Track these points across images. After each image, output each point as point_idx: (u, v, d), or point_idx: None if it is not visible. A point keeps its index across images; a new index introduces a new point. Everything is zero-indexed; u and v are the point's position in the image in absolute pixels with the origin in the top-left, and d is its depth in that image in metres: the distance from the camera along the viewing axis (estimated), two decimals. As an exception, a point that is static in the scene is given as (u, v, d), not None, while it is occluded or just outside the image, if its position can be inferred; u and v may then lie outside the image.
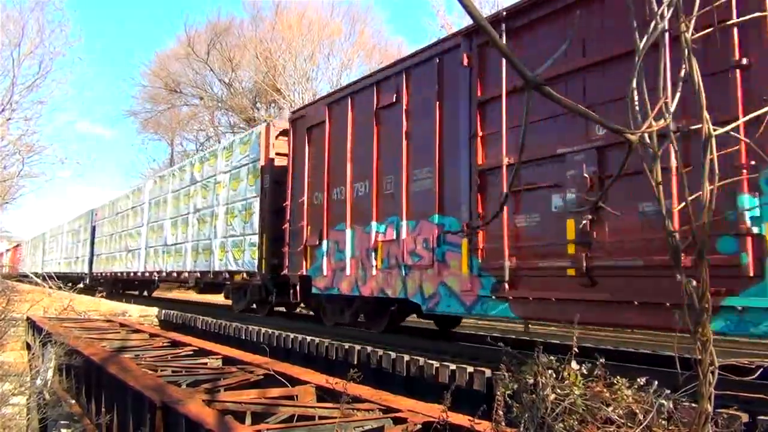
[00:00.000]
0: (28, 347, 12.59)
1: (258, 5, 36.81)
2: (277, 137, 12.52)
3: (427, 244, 7.56)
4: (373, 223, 8.55)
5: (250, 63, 35.82)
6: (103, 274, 25.65)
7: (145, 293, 25.60)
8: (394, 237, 8.13)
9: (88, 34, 54.12)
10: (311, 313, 14.06)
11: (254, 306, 13.70)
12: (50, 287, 21.04)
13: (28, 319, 13.46)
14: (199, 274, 15.19)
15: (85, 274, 28.57)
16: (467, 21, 8.89)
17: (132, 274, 21.46)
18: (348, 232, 9.09)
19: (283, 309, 14.19)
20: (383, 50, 34.65)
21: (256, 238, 12.17)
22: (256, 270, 12.01)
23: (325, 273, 9.52)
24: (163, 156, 49.72)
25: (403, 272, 7.89)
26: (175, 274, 17.09)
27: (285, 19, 33.37)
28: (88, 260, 28.16)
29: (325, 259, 9.56)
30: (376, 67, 15.68)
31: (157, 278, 19.18)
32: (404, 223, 7.98)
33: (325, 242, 9.64)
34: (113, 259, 23.94)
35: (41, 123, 18.86)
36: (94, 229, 28.14)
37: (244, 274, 12.55)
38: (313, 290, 9.88)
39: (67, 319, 13.64)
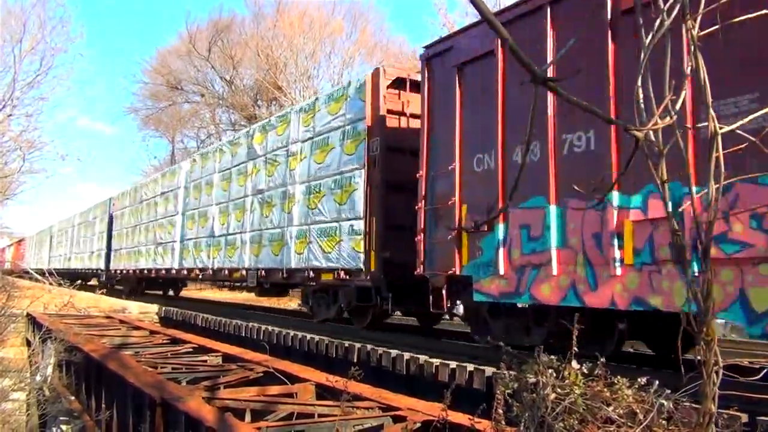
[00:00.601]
0: (28, 343, 12.59)
1: (259, 3, 36.77)
2: (387, 89, 9.51)
3: (761, 221, 4.64)
4: (614, 194, 5.57)
5: (251, 60, 35.81)
6: (124, 272, 22.23)
7: (171, 293, 23.02)
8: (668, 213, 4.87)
9: (89, 31, 54.11)
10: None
11: (346, 315, 10.43)
12: (50, 284, 21.01)
13: (28, 315, 13.46)
14: (263, 272, 12.02)
15: (101, 270, 25.32)
16: (470, 20, 8.84)
17: (164, 272, 18.20)
18: (552, 209, 6.13)
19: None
20: (385, 48, 34.62)
21: (359, 224, 9.17)
22: (362, 266, 9.01)
23: (501, 272, 6.60)
24: (164, 153, 49.75)
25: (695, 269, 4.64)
26: (225, 272, 13.88)
27: (286, 16, 33.35)
28: (105, 255, 24.84)
29: (501, 251, 6.64)
30: (377, 65, 14.32)
31: (200, 276, 15.72)
32: (694, 189, 4.54)
33: (500, 226, 6.71)
34: (137, 254, 20.63)
35: (42, 119, 18.85)
36: (111, 219, 24.76)
37: (341, 272, 9.48)
38: (476, 297, 6.93)
39: (67, 316, 13.65)
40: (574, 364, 3.38)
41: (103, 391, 6.99)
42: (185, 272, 16.48)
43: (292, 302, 22.31)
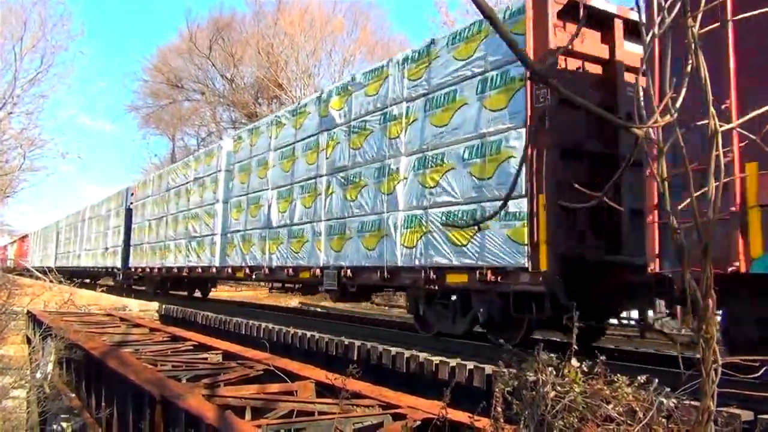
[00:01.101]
0: (29, 341, 12.62)
1: (260, 1, 36.75)
2: (557, 17, 6.84)
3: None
4: None
5: (252, 58, 35.83)
6: (147, 270, 19.41)
7: (198, 294, 20.49)
8: None
9: (89, 28, 54.10)
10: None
11: (480, 328, 7.99)
12: (51, 281, 21.03)
13: (28, 312, 13.49)
14: (349, 272, 9.29)
15: (117, 269, 22.64)
16: (471, 17, 8.78)
17: (200, 270, 15.19)
18: None
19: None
20: (385, 46, 34.61)
21: (521, 206, 6.67)
22: (526, 263, 6.55)
23: None
24: (165, 151, 49.79)
25: None
26: (288, 271, 10.97)
27: (287, 14, 33.37)
28: (122, 252, 22.02)
29: None
30: (376, 61, 12.25)
31: (252, 276, 12.76)
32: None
33: None
34: (164, 249, 17.74)
35: (43, 117, 18.88)
36: (129, 212, 21.97)
37: (487, 272, 6.92)
38: None
39: (67, 313, 13.67)
40: (574, 362, 3.38)
41: (104, 388, 7.00)
42: (229, 270, 13.47)
43: (292, 300, 22.32)
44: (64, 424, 7.91)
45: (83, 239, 28.89)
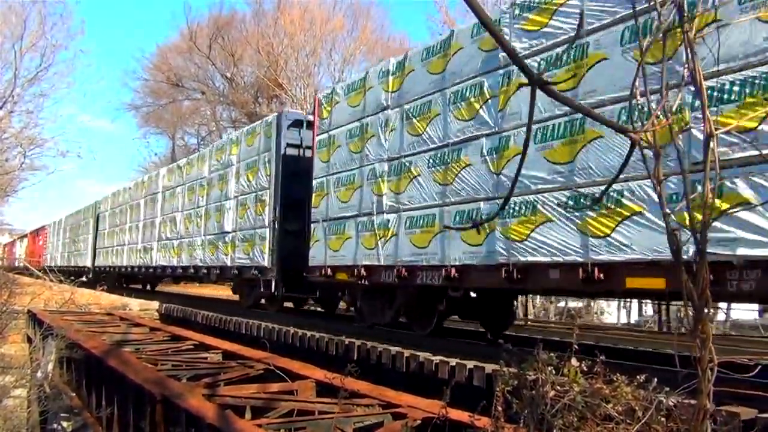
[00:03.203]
0: (29, 340, 12.63)
1: (260, -1, 36.74)
2: None
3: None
4: None
5: (252, 58, 35.85)
6: (383, 274, 8.26)
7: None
8: None
9: (89, 27, 53.99)
10: None
11: None
12: (51, 280, 21.00)
13: (29, 311, 13.49)
14: None
15: (264, 269, 11.82)
16: (470, 18, 8.79)
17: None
18: None
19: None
20: (385, 45, 34.58)
21: None
22: None
23: None
24: (164, 150, 49.76)
25: None
26: None
27: (287, 13, 33.35)
28: (274, 237, 11.64)
29: None
30: (377, 62, 11.53)
31: None
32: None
33: None
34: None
35: (43, 116, 18.84)
36: (291, 160, 11.91)
37: None
38: None
39: (67, 313, 13.68)
40: (574, 361, 3.40)
41: (104, 387, 7.02)
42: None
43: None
44: (65, 423, 7.95)
45: (154, 224, 18.68)
